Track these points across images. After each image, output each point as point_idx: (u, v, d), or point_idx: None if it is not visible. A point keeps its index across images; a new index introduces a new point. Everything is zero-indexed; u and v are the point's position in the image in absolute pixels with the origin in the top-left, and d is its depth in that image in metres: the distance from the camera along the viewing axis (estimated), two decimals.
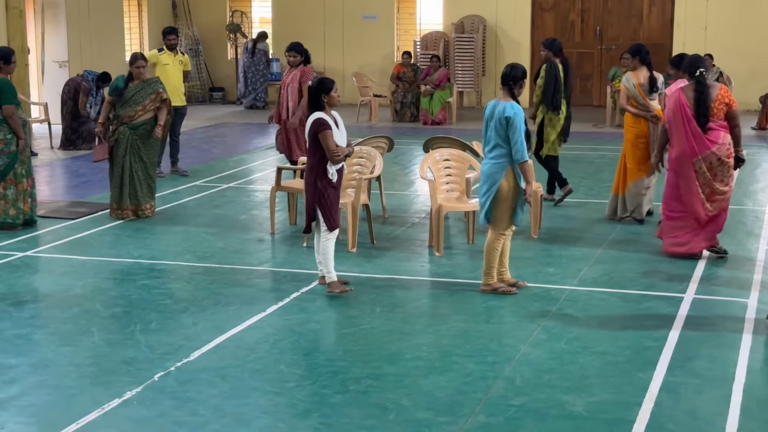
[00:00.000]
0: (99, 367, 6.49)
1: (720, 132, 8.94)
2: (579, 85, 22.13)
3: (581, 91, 22.06)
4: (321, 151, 7.94)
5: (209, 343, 6.92)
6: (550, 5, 22.17)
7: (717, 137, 8.92)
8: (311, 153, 8.01)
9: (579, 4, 22.05)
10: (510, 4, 22.05)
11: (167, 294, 8.18)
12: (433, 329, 7.40)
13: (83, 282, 8.50)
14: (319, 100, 8.04)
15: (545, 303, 7.89)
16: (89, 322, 7.42)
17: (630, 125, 10.56)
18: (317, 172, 7.98)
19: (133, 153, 10.75)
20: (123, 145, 10.71)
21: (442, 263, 9.04)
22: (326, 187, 7.98)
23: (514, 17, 22.13)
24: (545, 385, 6.19)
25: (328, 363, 6.57)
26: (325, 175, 7.98)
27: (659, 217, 9.91)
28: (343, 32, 23.15)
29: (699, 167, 8.96)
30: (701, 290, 8.19)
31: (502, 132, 7.82)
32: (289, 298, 7.98)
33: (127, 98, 10.80)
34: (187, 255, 9.37)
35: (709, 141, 8.92)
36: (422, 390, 6.12)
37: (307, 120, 8.06)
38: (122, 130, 10.73)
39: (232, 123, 20.09)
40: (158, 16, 22.62)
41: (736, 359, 6.61)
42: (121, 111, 10.78)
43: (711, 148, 8.91)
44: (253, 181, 13.61)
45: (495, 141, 7.87)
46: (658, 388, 6.12)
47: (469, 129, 18.14)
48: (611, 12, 21.93)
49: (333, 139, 7.92)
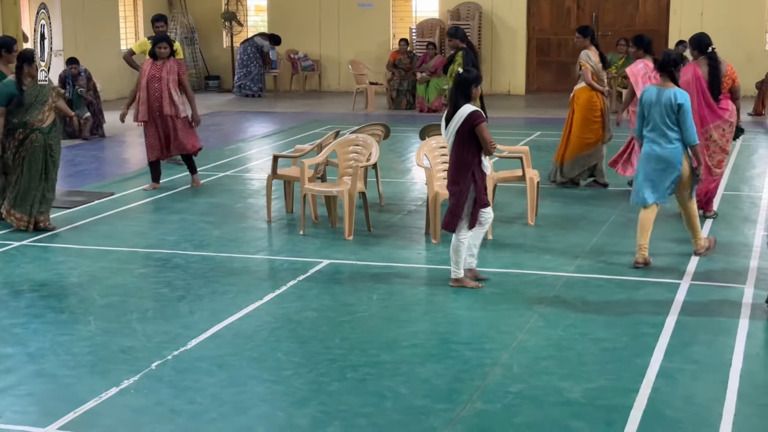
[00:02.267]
0: (96, 356, 6.48)
1: (729, 101, 9.89)
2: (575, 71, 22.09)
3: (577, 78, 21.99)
4: (476, 144, 7.66)
5: (206, 332, 6.91)
6: None
7: (727, 106, 9.87)
8: (464, 147, 7.64)
9: None
10: None
11: (164, 283, 8.17)
12: (430, 317, 7.40)
13: (80, 271, 8.49)
14: (468, 92, 7.74)
15: (542, 290, 7.89)
16: (86, 311, 7.41)
17: (589, 100, 11.66)
18: (474, 165, 7.67)
19: (49, 158, 9.78)
20: (39, 152, 9.70)
21: (439, 251, 9.04)
22: (481, 180, 7.76)
23: (510, 4, 22.09)
24: (542, 371, 6.19)
25: (325, 351, 6.57)
26: (480, 169, 7.75)
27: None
28: (339, 20, 23.11)
29: (710, 135, 9.82)
30: (698, 276, 8.19)
31: (672, 117, 8.26)
32: (286, 287, 7.98)
33: (30, 102, 9.64)
34: (183, 244, 9.36)
35: (720, 109, 9.84)
36: (420, 377, 6.12)
37: (452, 113, 7.65)
38: (35, 137, 9.68)
39: (228, 111, 20.06)
40: (153, 4, 22.56)
41: (733, 345, 6.61)
42: (28, 117, 9.64)
43: (723, 116, 9.84)
44: (249, 169, 13.60)
45: (662, 126, 8.28)
46: (655, 374, 6.12)
47: None
48: None
49: (488, 130, 7.71)
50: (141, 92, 11.70)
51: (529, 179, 10.01)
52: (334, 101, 21.54)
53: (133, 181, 12.57)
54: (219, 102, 21.66)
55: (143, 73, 11.77)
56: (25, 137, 9.68)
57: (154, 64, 11.74)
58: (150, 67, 11.73)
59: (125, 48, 21.69)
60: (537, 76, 22.61)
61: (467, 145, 7.64)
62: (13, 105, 9.62)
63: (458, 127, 7.61)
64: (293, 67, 23.36)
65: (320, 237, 9.57)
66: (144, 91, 11.67)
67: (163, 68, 11.68)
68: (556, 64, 22.07)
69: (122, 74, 21.36)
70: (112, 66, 20.64)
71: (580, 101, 11.76)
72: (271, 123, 18.57)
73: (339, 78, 23.43)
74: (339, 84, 23.42)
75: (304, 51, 23.39)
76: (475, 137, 7.63)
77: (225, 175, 12.97)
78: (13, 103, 9.61)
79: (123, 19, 22.17)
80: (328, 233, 9.70)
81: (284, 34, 22.87)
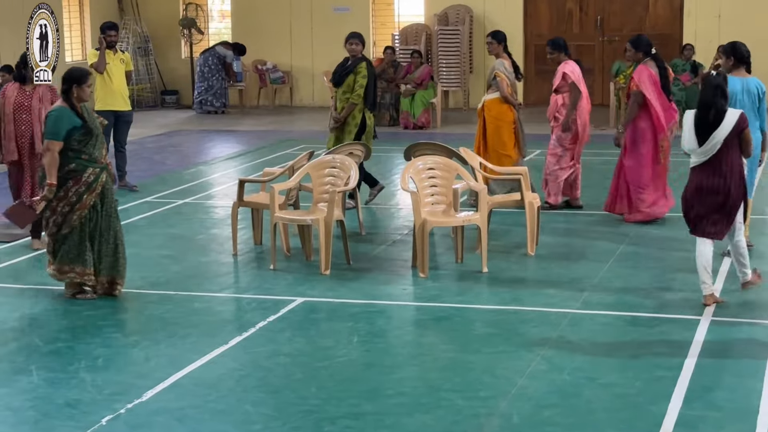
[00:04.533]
0: (38, 411, 6.45)
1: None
2: None
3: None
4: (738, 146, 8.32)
5: (164, 381, 6.88)
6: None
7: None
8: (735, 151, 8.22)
9: None
10: None
11: (116, 326, 8.14)
12: (418, 361, 7.40)
13: (20, 313, 8.46)
14: (727, 93, 8.37)
15: (544, 329, 7.90)
16: (27, 359, 7.37)
17: (503, 112, 12.05)
18: (741, 168, 8.40)
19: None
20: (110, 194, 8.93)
21: (428, 286, 9.05)
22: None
23: (505, 7, 22.22)
24: (546, 422, 6.19)
25: (299, 401, 6.55)
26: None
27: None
28: (312, 26, 23.19)
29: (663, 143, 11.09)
30: (719, 311, 8.21)
31: (754, 105, 9.34)
32: (254, 329, 7.96)
33: (98, 132, 8.79)
34: (138, 281, 9.33)
35: (673, 111, 11.19)
36: (407, 430, 6.11)
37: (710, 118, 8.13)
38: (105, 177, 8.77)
39: (188, 130, 20.08)
40: (102, 11, 22.59)
41: (760, 389, 6.63)
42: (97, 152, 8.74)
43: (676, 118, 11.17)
44: (212, 195, 13.60)
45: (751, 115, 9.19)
46: (674, 423, 6.13)
47: (455, 133, 18.20)
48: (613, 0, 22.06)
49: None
50: (6, 125, 10.58)
51: (528, 204, 10.04)
52: (307, 117, 21.59)
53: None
54: (177, 120, 21.67)
55: (7, 101, 10.59)
56: (95, 178, 8.64)
57: (21, 90, 10.67)
58: (17, 93, 10.65)
59: (70, 60, 21.79)
60: (535, 87, 22.58)
61: (736, 148, 8.26)
62: (76, 138, 8.56)
63: (729, 132, 8.16)
64: (261, 79, 23.41)
65: (293, 272, 9.56)
66: (10, 124, 10.57)
67: (34, 96, 10.61)
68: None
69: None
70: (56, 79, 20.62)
71: (493, 113, 12.03)
72: (237, 143, 18.59)
73: (312, 91, 23.47)
74: (312, 98, 23.47)
75: (273, 61, 23.45)
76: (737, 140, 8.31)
77: (184, 202, 12.97)
78: (77, 135, 8.56)
79: (68, 27, 22.18)
80: (301, 267, 9.70)
81: (250, 43, 22.93)
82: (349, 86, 11.85)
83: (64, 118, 8.52)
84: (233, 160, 16.21)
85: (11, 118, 10.51)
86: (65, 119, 8.52)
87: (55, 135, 8.49)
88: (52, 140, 8.49)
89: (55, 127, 8.51)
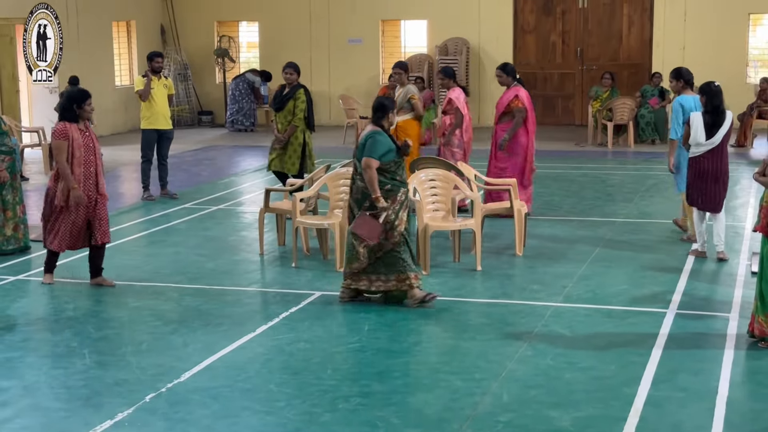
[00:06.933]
0: (90, 389, 6.45)
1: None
2: (561, 104, 22.23)
3: (563, 110, 22.16)
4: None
5: (200, 364, 6.88)
6: (531, 27, 22.25)
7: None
8: (726, 141, 9.25)
9: (560, 26, 22.13)
10: (492, 26, 22.12)
11: (158, 315, 8.14)
12: (421, 347, 7.39)
13: (74, 304, 8.46)
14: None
15: (531, 320, 7.88)
16: (81, 344, 7.37)
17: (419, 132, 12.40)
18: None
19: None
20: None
21: (429, 282, 9.03)
22: None
23: (497, 39, 22.19)
24: (532, 401, 6.18)
25: (317, 382, 6.54)
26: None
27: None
28: (329, 56, 23.18)
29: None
30: (683, 305, 8.19)
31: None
32: (278, 318, 7.96)
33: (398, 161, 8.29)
34: (177, 276, 9.33)
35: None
36: (411, 407, 6.10)
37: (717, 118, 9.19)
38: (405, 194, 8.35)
39: (221, 146, 20.07)
40: (147, 42, 22.61)
41: (718, 373, 6.61)
42: (401, 172, 8.31)
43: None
44: (242, 203, 13.59)
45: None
46: (643, 402, 6.12)
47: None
48: (591, 33, 22.02)
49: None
50: (75, 168, 8.65)
51: (516, 211, 10.03)
52: (325, 135, 21.55)
53: (127, 215, 12.53)
54: (212, 137, 21.67)
55: (75, 144, 8.62)
56: (405, 196, 8.29)
57: (79, 130, 8.72)
58: (78, 134, 8.68)
59: (119, 84, 21.84)
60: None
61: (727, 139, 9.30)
62: (389, 161, 8.16)
63: (729, 127, 9.21)
64: None
65: (312, 269, 9.55)
66: (80, 167, 8.68)
67: (92, 135, 8.84)
68: (542, 98, 22.10)
69: (116, 109, 21.42)
70: (107, 101, 20.68)
71: (414, 133, 12.04)
72: (263, 157, 18.46)
73: (330, 112, 23.45)
74: (330, 118, 23.45)
75: None
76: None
77: (218, 208, 12.96)
78: (389, 159, 8.15)
79: (117, 56, 22.21)
80: (319, 265, 9.69)
81: (275, 70, 22.88)
82: (289, 111, 11.81)
83: (383, 141, 8.12)
84: (260, 172, 16.18)
85: (81, 161, 8.65)
86: (384, 142, 8.11)
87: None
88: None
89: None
